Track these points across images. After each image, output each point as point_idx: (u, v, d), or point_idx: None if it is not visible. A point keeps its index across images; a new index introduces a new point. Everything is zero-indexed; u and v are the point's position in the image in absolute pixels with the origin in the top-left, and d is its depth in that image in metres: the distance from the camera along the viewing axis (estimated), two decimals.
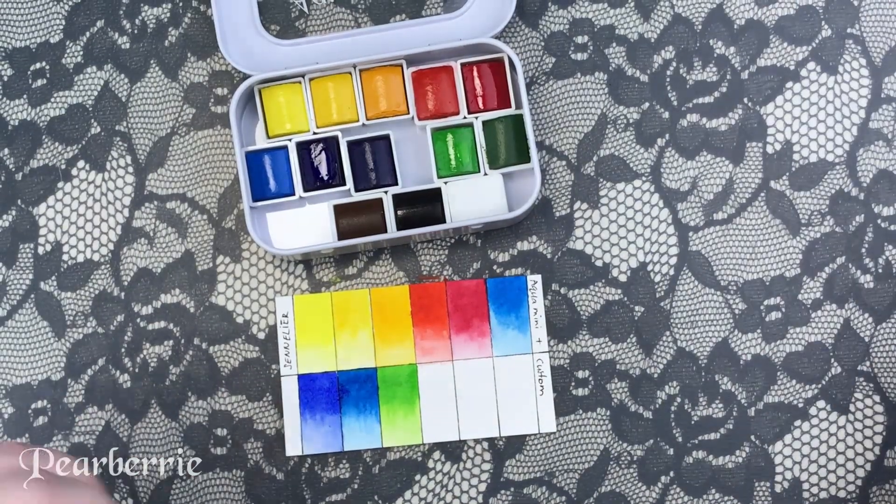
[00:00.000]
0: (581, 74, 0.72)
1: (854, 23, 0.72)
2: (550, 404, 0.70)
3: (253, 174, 0.70)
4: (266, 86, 0.70)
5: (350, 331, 0.71)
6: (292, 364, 0.70)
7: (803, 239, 0.71)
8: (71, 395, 0.70)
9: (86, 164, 0.72)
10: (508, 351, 0.70)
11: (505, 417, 0.70)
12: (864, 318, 0.71)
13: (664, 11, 0.73)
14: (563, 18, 0.73)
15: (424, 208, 0.70)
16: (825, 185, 0.71)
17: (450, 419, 0.70)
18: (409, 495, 0.70)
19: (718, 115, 0.72)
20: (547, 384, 0.70)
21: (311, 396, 0.70)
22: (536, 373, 0.70)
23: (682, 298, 0.71)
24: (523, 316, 0.71)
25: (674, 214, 0.71)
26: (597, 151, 0.72)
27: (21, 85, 0.72)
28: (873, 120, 0.72)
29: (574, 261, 0.71)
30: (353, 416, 0.70)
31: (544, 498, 0.70)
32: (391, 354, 0.70)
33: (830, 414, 0.70)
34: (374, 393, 0.70)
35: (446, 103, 0.70)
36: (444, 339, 0.71)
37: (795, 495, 0.70)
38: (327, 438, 0.70)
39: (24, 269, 0.71)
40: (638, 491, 0.70)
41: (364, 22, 0.73)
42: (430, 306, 0.71)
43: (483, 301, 0.71)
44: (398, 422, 0.70)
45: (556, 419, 0.70)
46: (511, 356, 0.70)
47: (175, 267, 0.71)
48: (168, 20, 0.73)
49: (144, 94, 0.72)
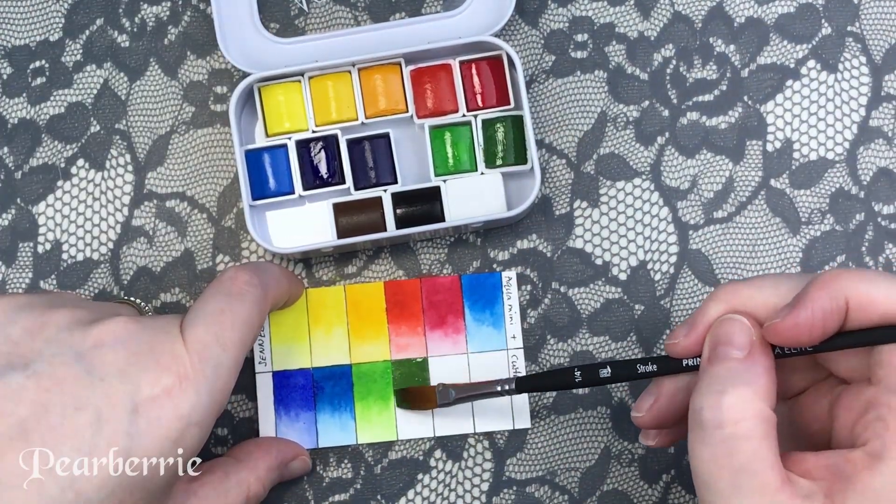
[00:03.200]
0: (581, 72, 0.72)
1: (854, 21, 0.72)
2: (525, 401, 0.70)
3: (252, 173, 0.70)
4: (265, 84, 0.70)
5: (325, 328, 0.71)
6: (267, 361, 0.70)
7: (803, 237, 0.71)
8: None
9: (85, 162, 0.72)
10: (483, 347, 0.70)
11: (480, 414, 0.70)
12: None
13: (664, 9, 0.73)
14: (562, 16, 0.73)
15: (423, 207, 0.70)
16: (825, 183, 0.72)
17: (424, 415, 0.70)
18: (412, 494, 0.70)
19: (718, 113, 0.72)
20: None
21: (286, 394, 0.70)
22: (511, 369, 0.70)
23: (682, 297, 0.71)
24: (498, 312, 0.71)
25: (674, 213, 0.71)
26: (596, 150, 0.72)
27: (20, 83, 0.72)
28: (873, 118, 0.72)
29: (574, 259, 0.71)
30: (327, 412, 0.70)
31: (547, 497, 0.70)
32: (366, 351, 0.70)
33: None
34: (349, 389, 0.70)
35: (445, 101, 0.70)
36: (419, 335, 0.71)
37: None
38: (302, 435, 0.70)
39: (24, 268, 0.71)
40: (640, 489, 0.70)
41: (364, 20, 0.73)
42: (405, 303, 0.71)
43: (458, 297, 0.71)
44: (373, 418, 0.70)
45: (555, 417, 0.70)
46: (486, 352, 0.70)
47: (175, 266, 0.71)
48: (168, 18, 0.73)
49: (144, 92, 0.72)
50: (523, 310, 0.71)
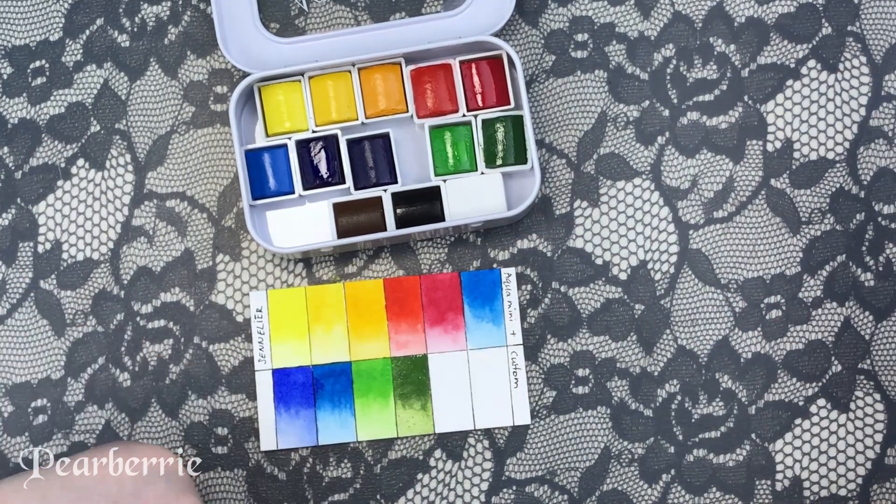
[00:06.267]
0: (581, 72, 0.72)
1: (854, 20, 0.72)
2: (525, 397, 0.70)
3: (252, 172, 0.70)
4: (265, 84, 0.70)
5: (325, 325, 0.71)
6: (266, 359, 0.70)
7: (804, 237, 0.71)
8: (71, 393, 0.70)
9: (85, 162, 0.72)
10: (482, 344, 0.71)
11: (479, 410, 0.70)
12: (864, 317, 0.71)
13: (664, 9, 0.73)
14: (562, 16, 0.73)
15: (423, 207, 0.70)
16: (825, 183, 0.71)
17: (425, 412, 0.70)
18: (412, 494, 0.70)
19: (719, 112, 0.72)
20: (521, 377, 0.70)
21: (286, 391, 0.70)
22: (511, 365, 0.70)
23: (682, 296, 0.71)
24: (497, 309, 0.71)
25: (674, 212, 0.71)
26: (597, 149, 0.72)
27: (21, 83, 0.72)
28: (874, 118, 0.72)
29: (574, 259, 0.71)
30: (327, 410, 0.70)
31: (546, 496, 0.70)
32: (366, 348, 0.70)
33: (831, 412, 0.70)
34: (349, 387, 0.70)
35: (445, 101, 0.70)
36: (419, 332, 0.71)
37: (796, 493, 0.70)
38: (302, 433, 0.70)
39: (24, 268, 0.71)
40: (639, 489, 0.70)
41: (364, 20, 0.73)
42: (405, 300, 0.71)
43: (457, 294, 0.71)
44: (373, 415, 0.70)
45: (555, 416, 0.70)
46: (485, 349, 0.70)
47: (175, 265, 0.71)
48: (168, 18, 0.73)
49: (144, 92, 0.72)
50: (523, 309, 0.71)
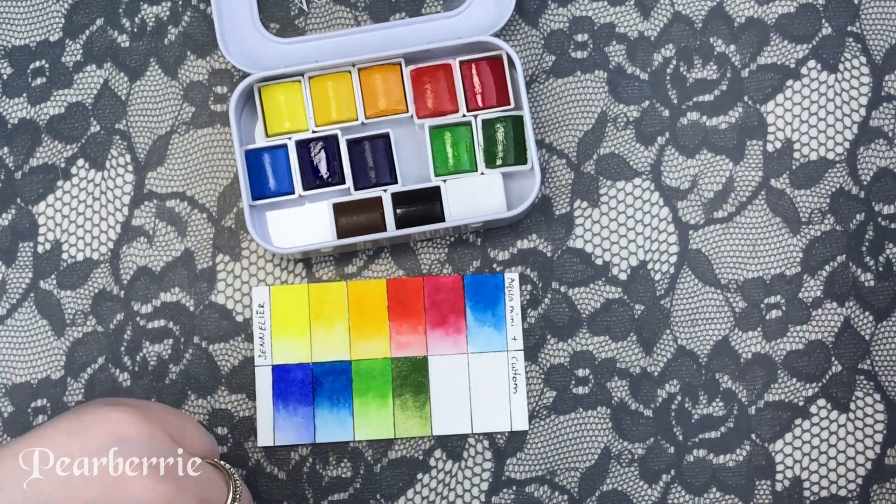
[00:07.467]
0: (581, 72, 0.72)
1: (854, 21, 0.72)
2: (524, 402, 0.70)
3: (252, 173, 0.70)
4: (265, 84, 0.70)
5: (326, 323, 0.71)
6: (266, 354, 0.70)
7: (804, 237, 0.71)
8: (70, 393, 0.70)
9: (85, 162, 0.72)
10: (483, 348, 0.70)
11: (478, 414, 0.70)
12: (864, 317, 0.71)
13: (664, 9, 0.73)
14: (562, 16, 0.73)
15: (423, 207, 0.70)
16: (826, 183, 0.71)
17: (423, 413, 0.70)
18: (412, 493, 0.70)
19: (719, 113, 0.72)
20: (521, 382, 0.70)
21: (285, 387, 0.70)
22: (511, 371, 0.70)
23: (682, 297, 0.71)
24: (499, 313, 0.71)
25: (674, 213, 0.71)
26: (597, 150, 0.72)
27: (20, 83, 0.72)
28: (874, 118, 0.72)
29: (574, 259, 0.71)
30: (326, 408, 0.70)
31: (546, 496, 0.70)
32: (366, 348, 0.70)
33: (831, 412, 0.70)
34: (348, 386, 0.70)
35: (445, 101, 0.70)
36: (420, 334, 0.71)
37: (796, 494, 0.70)
38: (299, 430, 0.70)
39: (24, 268, 0.71)
40: (639, 489, 0.70)
41: (364, 20, 0.73)
42: (407, 301, 0.71)
43: (460, 297, 0.71)
44: (371, 415, 0.70)
45: (555, 417, 0.70)
46: (486, 353, 0.70)
47: (175, 265, 0.71)
48: (168, 18, 0.73)
49: (144, 92, 0.72)
50: (523, 310, 0.71)
